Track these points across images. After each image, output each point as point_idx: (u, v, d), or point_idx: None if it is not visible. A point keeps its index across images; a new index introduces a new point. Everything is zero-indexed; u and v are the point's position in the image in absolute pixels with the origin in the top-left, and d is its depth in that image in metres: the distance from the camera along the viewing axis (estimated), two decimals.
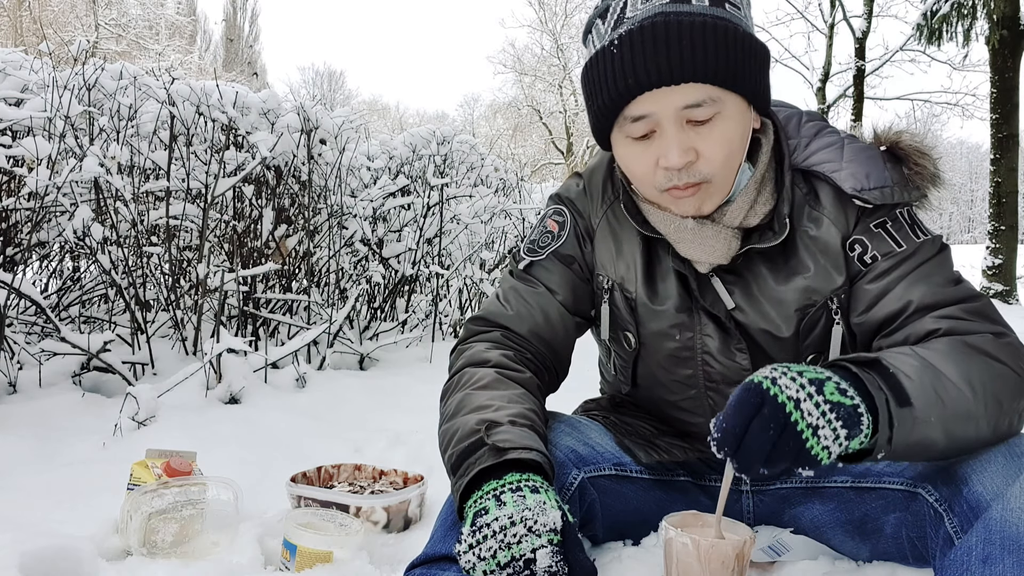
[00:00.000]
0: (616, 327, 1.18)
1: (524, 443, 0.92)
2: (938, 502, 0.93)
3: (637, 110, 0.98)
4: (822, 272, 1.06)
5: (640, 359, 1.18)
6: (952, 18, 9.23)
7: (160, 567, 1.20)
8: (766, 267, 1.08)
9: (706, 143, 0.99)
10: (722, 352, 1.10)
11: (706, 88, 0.96)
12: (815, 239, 1.06)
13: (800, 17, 15.97)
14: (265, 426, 2.12)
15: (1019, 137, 8.60)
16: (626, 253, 1.16)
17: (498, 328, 1.18)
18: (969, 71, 14.39)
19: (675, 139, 0.97)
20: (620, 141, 1.04)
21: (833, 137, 1.10)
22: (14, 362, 2.31)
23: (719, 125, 0.98)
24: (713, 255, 1.06)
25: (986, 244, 8.76)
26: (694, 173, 0.99)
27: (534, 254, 1.20)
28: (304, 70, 43.76)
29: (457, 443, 0.96)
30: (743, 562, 0.95)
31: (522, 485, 0.86)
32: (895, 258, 1.03)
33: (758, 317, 1.08)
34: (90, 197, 2.61)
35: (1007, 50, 8.44)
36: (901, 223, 1.05)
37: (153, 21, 27.10)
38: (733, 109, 0.99)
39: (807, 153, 1.09)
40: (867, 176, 1.04)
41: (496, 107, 32.02)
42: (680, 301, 1.12)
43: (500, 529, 0.81)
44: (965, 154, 50.35)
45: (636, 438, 1.18)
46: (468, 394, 1.04)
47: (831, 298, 1.06)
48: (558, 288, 1.18)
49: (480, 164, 4.47)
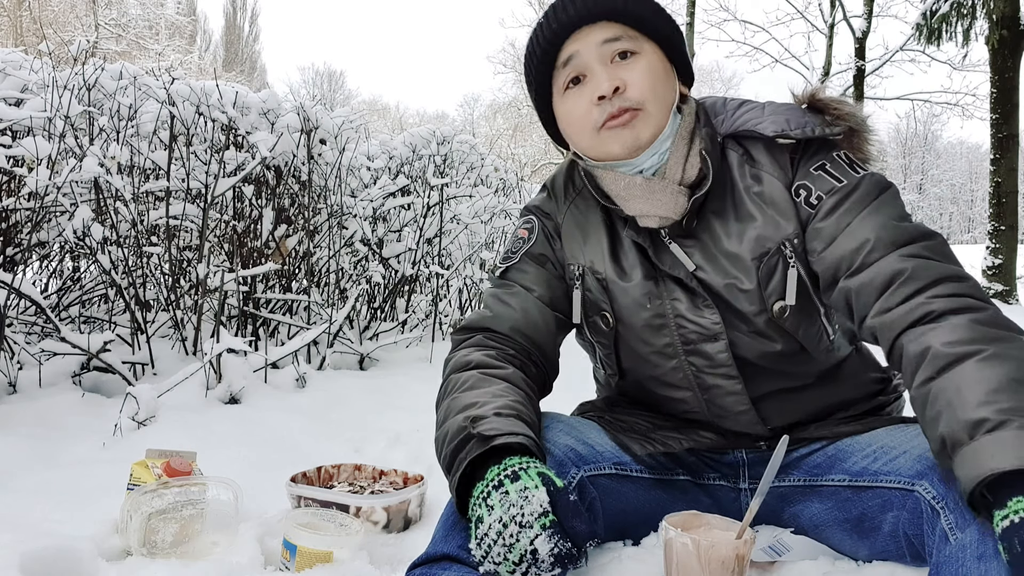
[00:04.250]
0: (592, 310, 1.22)
1: (509, 429, 0.96)
2: (935, 499, 0.93)
3: (565, 54, 1.12)
4: (770, 221, 1.11)
5: (620, 338, 1.21)
6: (951, 18, 9.22)
7: (160, 567, 1.19)
8: (719, 226, 1.14)
9: (631, 73, 1.10)
10: (691, 311, 1.14)
11: (622, 27, 1.10)
12: (760, 194, 1.13)
13: (800, 17, 15.99)
14: (265, 426, 2.12)
15: (1019, 137, 8.60)
16: (592, 238, 1.22)
17: (480, 331, 1.22)
18: (969, 71, 14.39)
19: (603, 71, 1.10)
20: (559, 101, 1.16)
21: (755, 103, 1.20)
22: (14, 362, 2.31)
23: (641, 61, 1.11)
24: (662, 208, 1.13)
25: (986, 244, 8.75)
26: (625, 99, 1.09)
27: (508, 260, 1.27)
28: (304, 70, 43.78)
29: (448, 443, 1.00)
30: (743, 562, 0.95)
31: (503, 478, 0.90)
32: (839, 193, 1.08)
33: (720, 274, 1.13)
34: (90, 197, 2.61)
35: (1007, 50, 8.44)
36: (839, 163, 1.11)
37: (153, 21, 27.09)
38: (652, 55, 1.12)
39: (734, 119, 1.18)
40: (787, 121, 1.13)
41: (496, 107, 32.05)
42: (644, 271, 1.17)
43: (498, 535, 0.86)
44: (965, 154, 50.33)
45: (631, 433, 1.19)
46: (455, 398, 1.08)
47: (783, 243, 1.10)
48: (534, 285, 1.23)
49: (480, 164, 4.47)
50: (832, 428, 1.16)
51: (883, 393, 1.23)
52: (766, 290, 1.11)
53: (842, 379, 1.19)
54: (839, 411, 1.19)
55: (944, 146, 48.14)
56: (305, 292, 3.23)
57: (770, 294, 1.11)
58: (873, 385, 1.23)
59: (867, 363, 1.25)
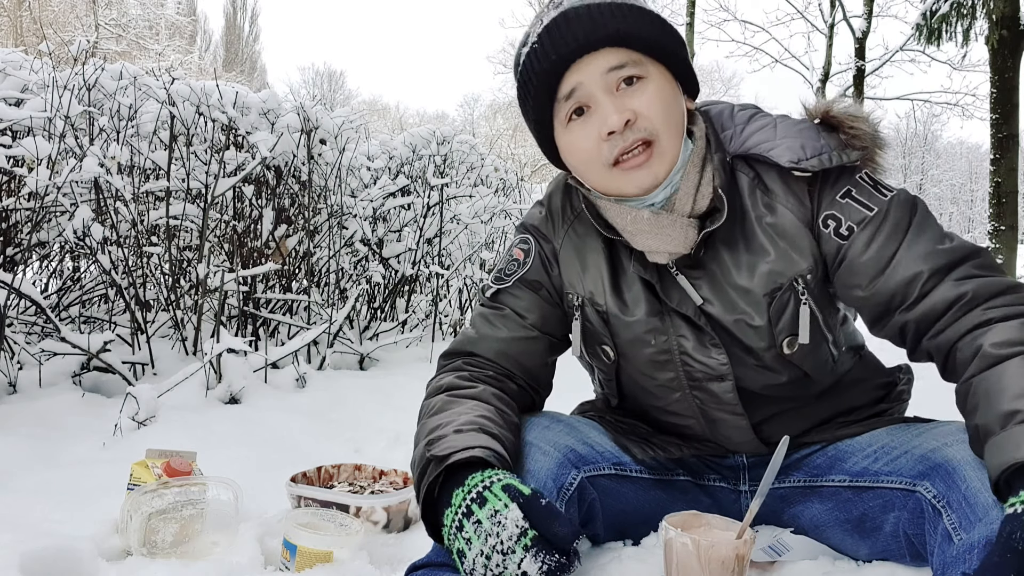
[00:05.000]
0: (592, 342, 1.18)
1: (465, 444, 0.93)
2: (936, 499, 0.93)
3: (568, 86, 1.04)
4: (783, 255, 1.07)
5: (621, 370, 1.18)
6: (951, 18, 9.21)
7: (160, 567, 1.19)
8: (729, 257, 1.08)
9: (639, 101, 1.03)
10: (698, 350, 1.10)
11: (626, 52, 1.02)
12: (773, 225, 1.07)
13: (800, 17, 15.97)
14: (265, 426, 2.12)
15: (1019, 137, 8.59)
16: (591, 267, 1.16)
17: (462, 356, 1.20)
18: (969, 71, 14.39)
19: (609, 103, 1.02)
20: (562, 133, 1.09)
21: (766, 119, 1.12)
22: (14, 362, 2.31)
23: (649, 86, 1.03)
24: (672, 244, 1.07)
25: (986, 244, 8.74)
26: (637, 130, 1.02)
27: (501, 282, 1.21)
28: (304, 70, 43.72)
29: (415, 472, 0.99)
30: (743, 562, 0.95)
31: (469, 504, 0.88)
32: (872, 224, 1.03)
33: (728, 308, 1.08)
34: (90, 197, 2.61)
35: (1007, 50, 8.43)
36: (864, 187, 1.06)
37: (153, 21, 27.08)
38: (659, 77, 1.05)
39: (743, 138, 1.11)
40: (802, 147, 1.06)
41: (496, 107, 32.02)
42: (649, 306, 1.12)
43: (484, 568, 0.84)
44: (965, 154, 50.29)
45: (632, 436, 1.18)
46: (422, 424, 1.07)
47: (795, 279, 1.06)
48: (526, 312, 1.19)
49: (480, 164, 4.47)
50: (833, 432, 1.15)
51: (887, 399, 1.22)
52: (776, 326, 1.08)
53: (844, 389, 1.18)
54: (841, 417, 1.18)
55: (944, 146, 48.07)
56: (305, 292, 3.23)
57: (780, 330, 1.08)
58: (877, 391, 1.22)
59: (871, 369, 1.23)
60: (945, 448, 0.97)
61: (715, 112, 1.16)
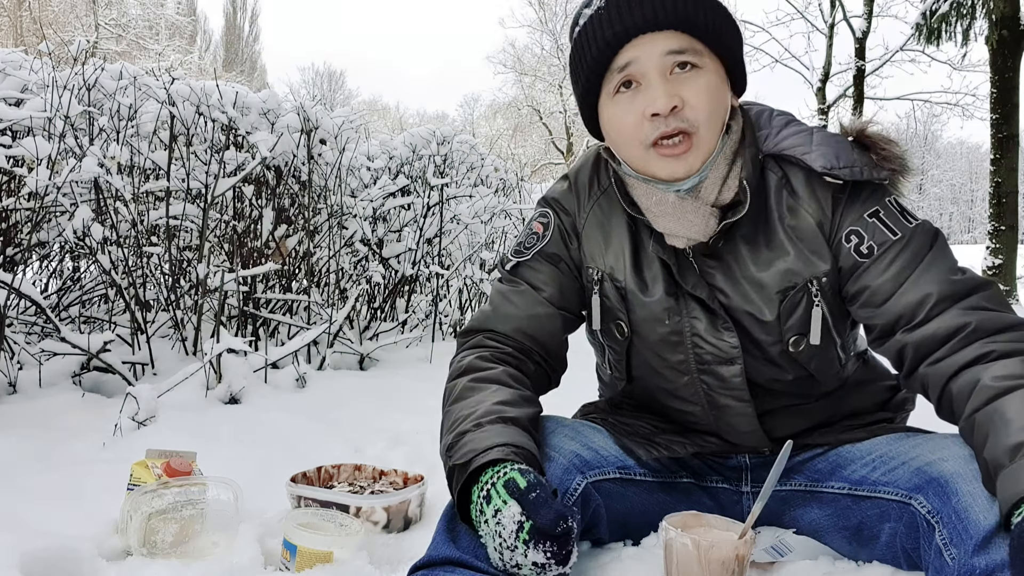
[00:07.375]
0: (608, 318, 1.19)
1: (485, 446, 0.96)
2: (929, 513, 0.94)
3: (624, 59, 1.04)
4: (802, 256, 1.08)
5: (633, 348, 1.20)
6: (951, 18, 9.21)
7: (160, 567, 1.19)
8: (747, 251, 1.10)
9: (690, 91, 1.03)
10: (710, 332, 1.12)
11: (689, 38, 1.03)
12: (794, 227, 1.09)
13: (800, 17, 15.94)
14: (265, 426, 2.12)
15: (1019, 137, 8.59)
16: (614, 243, 1.18)
17: (481, 332, 1.21)
18: (969, 71, 14.36)
19: (660, 85, 1.02)
20: (607, 103, 1.09)
21: (802, 126, 1.14)
22: (14, 362, 2.31)
23: (701, 78, 1.04)
24: (691, 230, 1.09)
25: (986, 244, 8.74)
26: (681, 119, 1.03)
27: (520, 255, 1.24)
28: (304, 70, 43.70)
29: (445, 465, 1.02)
30: (743, 562, 0.95)
31: (481, 503, 0.91)
32: (894, 248, 1.05)
33: (740, 300, 1.10)
34: (90, 197, 2.61)
35: (1007, 50, 8.43)
36: (892, 211, 1.07)
37: (153, 21, 27.08)
38: (713, 70, 1.05)
39: (778, 139, 1.12)
40: (836, 156, 1.07)
41: (496, 107, 31.99)
42: (667, 286, 1.14)
43: (501, 561, 0.89)
44: (965, 154, 50.32)
45: (636, 437, 1.18)
46: (447, 412, 1.09)
47: (811, 280, 1.08)
48: (544, 285, 1.21)
49: (480, 164, 4.47)
50: (836, 435, 1.15)
51: (891, 404, 1.22)
52: (785, 324, 1.09)
53: (849, 391, 1.19)
54: (845, 419, 1.19)
55: (944, 146, 48.11)
56: (305, 292, 3.23)
57: (789, 328, 1.09)
58: (882, 394, 1.22)
59: (875, 373, 1.24)
60: (941, 463, 0.97)
61: (755, 112, 1.18)
